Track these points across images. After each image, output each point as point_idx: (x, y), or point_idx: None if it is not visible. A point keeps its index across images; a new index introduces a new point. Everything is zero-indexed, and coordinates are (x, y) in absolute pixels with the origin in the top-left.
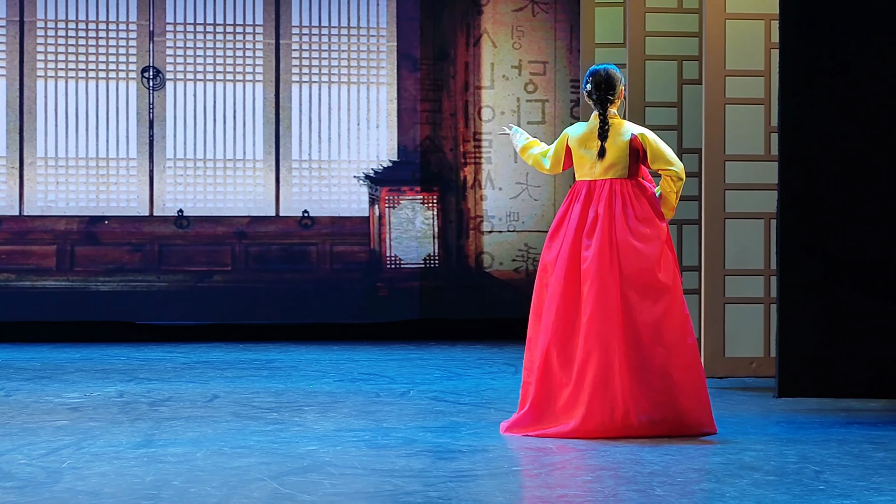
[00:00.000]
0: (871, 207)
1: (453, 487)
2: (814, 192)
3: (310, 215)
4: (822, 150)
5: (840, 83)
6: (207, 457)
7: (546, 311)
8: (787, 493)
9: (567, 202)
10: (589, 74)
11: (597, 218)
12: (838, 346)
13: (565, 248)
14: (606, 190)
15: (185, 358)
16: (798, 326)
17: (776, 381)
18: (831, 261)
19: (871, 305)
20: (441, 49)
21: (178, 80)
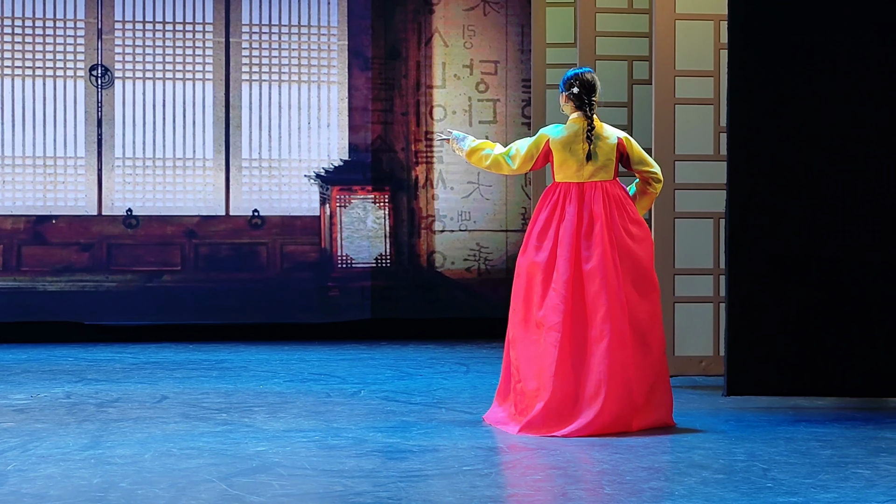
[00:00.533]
0: (818, 206)
1: (403, 487)
2: (762, 192)
3: (260, 215)
4: (770, 150)
5: (788, 83)
6: (155, 458)
7: (550, 311)
8: (735, 490)
9: (552, 203)
10: (573, 77)
11: (594, 220)
12: (786, 345)
13: (564, 250)
14: (599, 192)
15: (133, 358)
16: (747, 325)
17: (725, 380)
18: (779, 260)
19: (818, 304)
20: (392, 48)
21: (127, 79)
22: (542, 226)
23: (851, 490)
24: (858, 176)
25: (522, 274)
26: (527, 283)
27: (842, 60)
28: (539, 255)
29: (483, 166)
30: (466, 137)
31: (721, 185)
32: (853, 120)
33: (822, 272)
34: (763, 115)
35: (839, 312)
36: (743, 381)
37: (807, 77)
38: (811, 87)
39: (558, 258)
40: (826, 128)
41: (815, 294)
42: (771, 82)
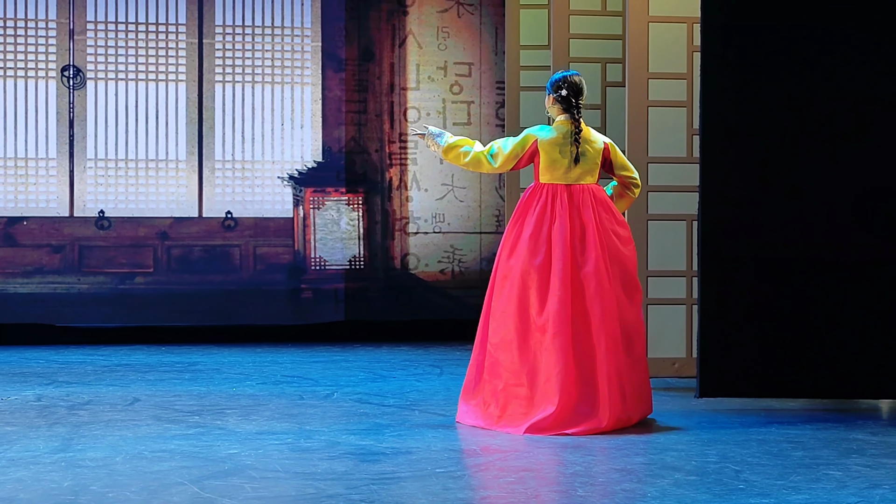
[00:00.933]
0: (789, 208)
1: (376, 490)
2: (734, 194)
3: (233, 216)
4: (743, 153)
5: (760, 86)
6: (127, 461)
7: (554, 316)
8: (707, 492)
9: (541, 205)
10: (560, 80)
11: (585, 224)
12: (759, 347)
13: (560, 254)
14: (588, 195)
15: (105, 361)
16: (719, 327)
17: (697, 382)
18: (751, 262)
19: (790, 306)
20: (366, 49)
21: (100, 80)
22: (533, 229)
23: (822, 491)
24: (830, 178)
25: (515, 277)
26: (521, 287)
27: (813, 63)
28: (535, 258)
29: (461, 163)
30: (444, 133)
31: (694, 188)
32: (825, 122)
33: (793, 274)
34: (736, 118)
35: (811, 315)
36: (715, 382)
37: (779, 80)
38: (783, 90)
39: (554, 262)
40: (798, 130)
41: (787, 296)
42: (743, 85)
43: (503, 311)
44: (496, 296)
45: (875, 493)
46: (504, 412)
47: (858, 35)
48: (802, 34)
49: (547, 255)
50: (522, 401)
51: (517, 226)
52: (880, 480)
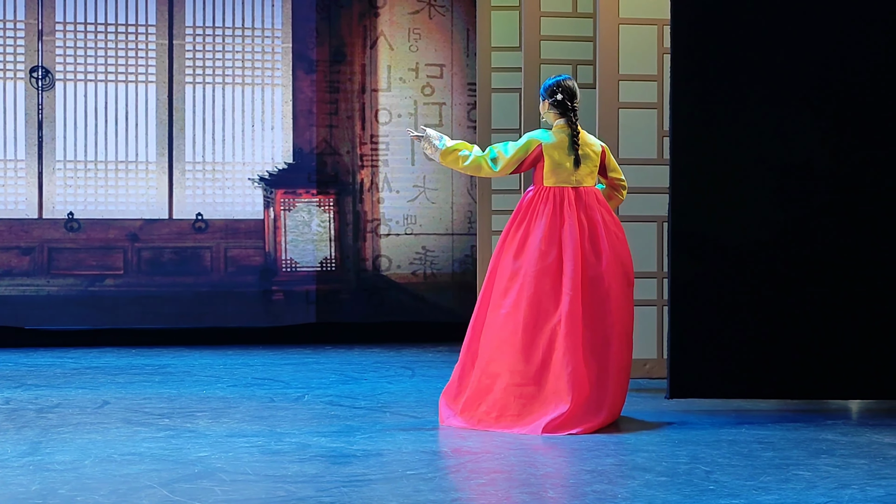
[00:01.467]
0: (760, 210)
1: (346, 492)
2: (705, 196)
3: (203, 218)
4: (713, 154)
5: (730, 88)
6: (96, 464)
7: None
8: (678, 493)
9: (551, 207)
10: (555, 85)
11: (594, 225)
12: (729, 348)
13: (571, 255)
14: (593, 197)
15: (75, 363)
16: (689, 328)
17: (668, 383)
18: (721, 264)
19: (760, 307)
20: (337, 51)
21: (69, 81)
22: (545, 230)
23: (792, 492)
24: (800, 180)
25: (527, 277)
26: (534, 287)
27: (781, 66)
28: (546, 259)
29: (459, 167)
30: (442, 137)
31: (664, 189)
32: (795, 124)
33: (763, 276)
34: (706, 120)
35: (781, 316)
36: (686, 383)
37: (748, 82)
38: (753, 92)
39: (566, 262)
40: (768, 132)
41: (757, 297)
42: (713, 87)
43: (511, 311)
44: (498, 296)
45: (844, 493)
46: (505, 412)
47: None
48: (770, 38)
49: (558, 256)
50: (528, 399)
51: (523, 227)
52: (849, 480)
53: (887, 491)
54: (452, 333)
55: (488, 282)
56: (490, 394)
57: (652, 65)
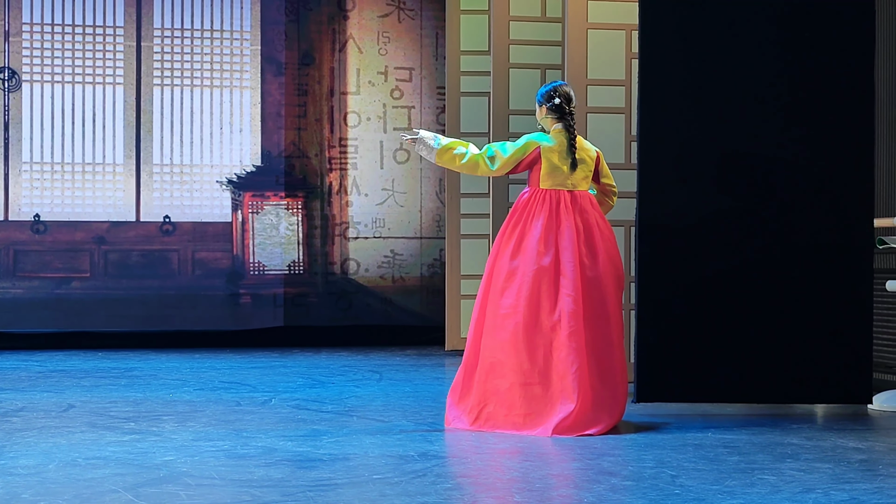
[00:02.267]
0: (726, 216)
1: (312, 497)
2: (672, 201)
3: (171, 221)
4: (680, 159)
5: (697, 93)
6: (60, 468)
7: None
8: (643, 497)
9: (547, 209)
10: (552, 90)
11: (590, 228)
12: (695, 353)
13: (569, 257)
14: (587, 201)
15: (40, 367)
16: (656, 333)
17: (635, 387)
18: (687, 268)
19: (726, 312)
20: (306, 54)
21: (35, 82)
22: (542, 232)
23: (757, 496)
24: (766, 186)
25: (525, 277)
26: (532, 286)
27: (748, 71)
28: (544, 259)
29: (455, 165)
30: (437, 137)
31: (632, 194)
32: (762, 130)
33: (728, 281)
34: (673, 125)
35: (746, 320)
36: (652, 388)
37: (715, 87)
38: (720, 98)
39: (564, 263)
40: (735, 137)
41: (723, 302)
42: (681, 92)
43: (510, 311)
44: (497, 297)
45: (809, 496)
46: (512, 411)
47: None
48: (738, 44)
49: (555, 257)
50: (535, 399)
51: (519, 227)
52: (814, 485)
53: (851, 495)
54: (421, 337)
55: (485, 282)
56: (496, 394)
57: (620, 70)
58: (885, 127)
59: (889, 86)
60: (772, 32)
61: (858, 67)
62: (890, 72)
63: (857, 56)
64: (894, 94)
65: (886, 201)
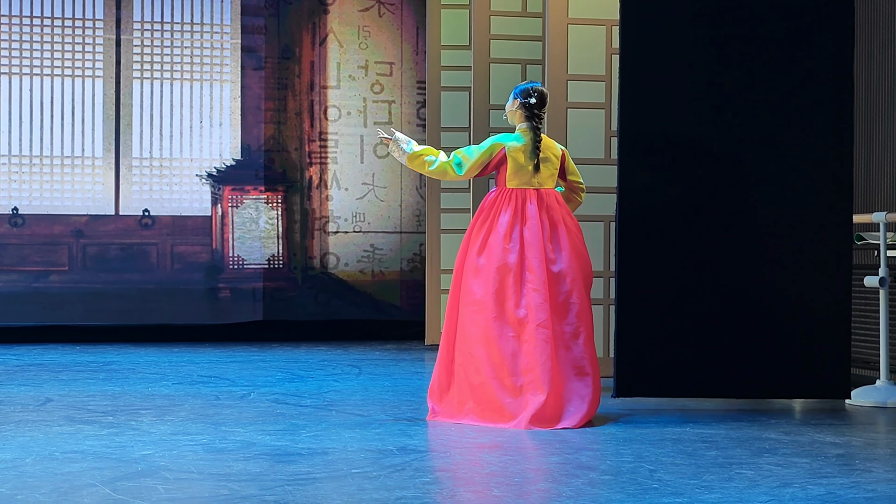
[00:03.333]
0: (705, 211)
1: (290, 491)
2: (651, 196)
3: (150, 214)
4: (660, 155)
5: (677, 89)
6: (37, 462)
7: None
8: (621, 491)
9: (512, 207)
10: (531, 89)
11: (555, 224)
12: (675, 348)
13: (534, 252)
14: (553, 198)
15: (17, 360)
16: (635, 328)
17: (614, 382)
18: (667, 263)
19: (706, 307)
20: (286, 48)
21: (14, 74)
22: (507, 228)
23: (735, 490)
24: (745, 182)
25: (489, 272)
26: (499, 283)
27: (727, 66)
28: (510, 256)
29: (425, 171)
30: (410, 141)
31: (612, 189)
32: (738, 128)
33: (708, 276)
34: (653, 120)
35: (725, 316)
36: (631, 383)
37: (696, 83)
38: (700, 93)
39: (529, 259)
40: (714, 134)
41: (703, 297)
42: (661, 87)
43: (479, 307)
44: (466, 293)
45: (786, 491)
46: (489, 406)
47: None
48: (718, 41)
49: (521, 253)
50: (508, 391)
51: (486, 226)
52: (791, 479)
53: (828, 489)
54: (400, 332)
55: (455, 280)
56: (472, 389)
57: (600, 65)
58: (862, 123)
59: (867, 81)
60: (751, 28)
61: (837, 63)
62: (867, 67)
63: (836, 52)
64: (871, 90)
65: (864, 197)
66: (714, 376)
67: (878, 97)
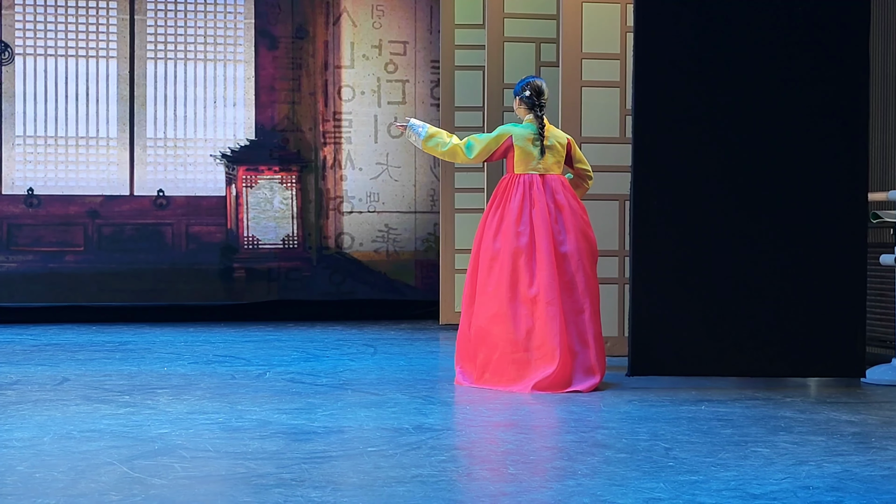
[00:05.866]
0: (720, 189)
1: (307, 469)
2: (666, 175)
3: (165, 195)
4: (675, 133)
5: (692, 68)
6: (55, 441)
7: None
8: (637, 469)
9: (521, 192)
10: (525, 84)
11: (560, 207)
12: (689, 326)
13: (543, 234)
14: (559, 183)
15: (34, 340)
16: (650, 306)
17: (629, 360)
18: (682, 241)
19: (720, 286)
20: (300, 27)
21: (28, 55)
22: (517, 213)
23: (751, 468)
24: (760, 159)
25: (504, 256)
26: (512, 265)
27: (742, 45)
28: (520, 239)
29: (438, 153)
30: (425, 125)
31: (626, 168)
32: (753, 104)
33: (722, 254)
34: (667, 99)
35: (740, 294)
36: (646, 361)
37: (708, 60)
38: (715, 72)
39: (539, 241)
40: (729, 111)
41: (717, 276)
42: (675, 66)
43: (495, 288)
44: (484, 275)
45: (801, 469)
46: (503, 377)
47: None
48: (731, 19)
49: (531, 236)
50: (522, 364)
51: (499, 211)
52: (807, 457)
53: (843, 467)
54: (415, 311)
55: (473, 262)
56: (489, 363)
57: (615, 43)
58: (879, 101)
59: (883, 55)
60: (767, 7)
61: (853, 41)
62: (883, 46)
63: (853, 30)
64: (889, 64)
65: (881, 175)
66: (729, 355)
67: (895, 72)
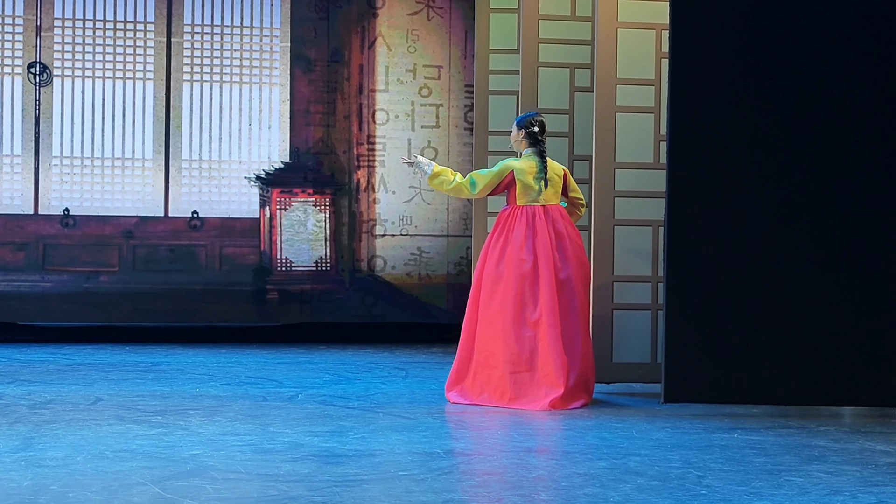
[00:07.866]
0: (755, 216)
1: (338, 492)
2: (700, 200)
3: (199, 216)
4: (709, 159)
5: (727, 93)
6: (88, 461)
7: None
8: (669, 497)
9: (525, 222)
10: (531, 119)
11: (560, 236)
12: (723, 353)
13: (546, 262)
14: (558, 213)
15: (68, 360)
16: (684, 333)
17: (662, 387)
18: (716, 268)
19: (755, 313)
20: (335, 51)
21: (66, 77)
22: (521, 241)
23: (784, 498)
24: (795, 186)
25: (509, 281)
26: (516, 289)
27: (778, 72)
28: (525, 265)
29: (443, 189)
30: (431, 163)
31: (660, 193)
32: (791, 131)
33: (758, 282)
34: (702, 125)
35: (774, 322)
36: (679, 388)
37: (745, 87)
38: (750, 98)
39: (541, 267)
40: (764, 138)
41: (752, 303)
42: (711, 92)
43: (498, 310)
44: (487, 298)
45: (836, 499)
46: (504, 395)
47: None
48: (767, 45)
49: (534, 263)
50: (523, 384)
51: (502, 238)
52: (841, 487)
53: (879, 498)
54: (446, 335)
55: (475, 286)
56: (489, 382)
57: (650, 69)
58: None
59: None
60: (804, 31)
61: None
62: None
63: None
64: None
65: None
66: (763, 383)
67: None
